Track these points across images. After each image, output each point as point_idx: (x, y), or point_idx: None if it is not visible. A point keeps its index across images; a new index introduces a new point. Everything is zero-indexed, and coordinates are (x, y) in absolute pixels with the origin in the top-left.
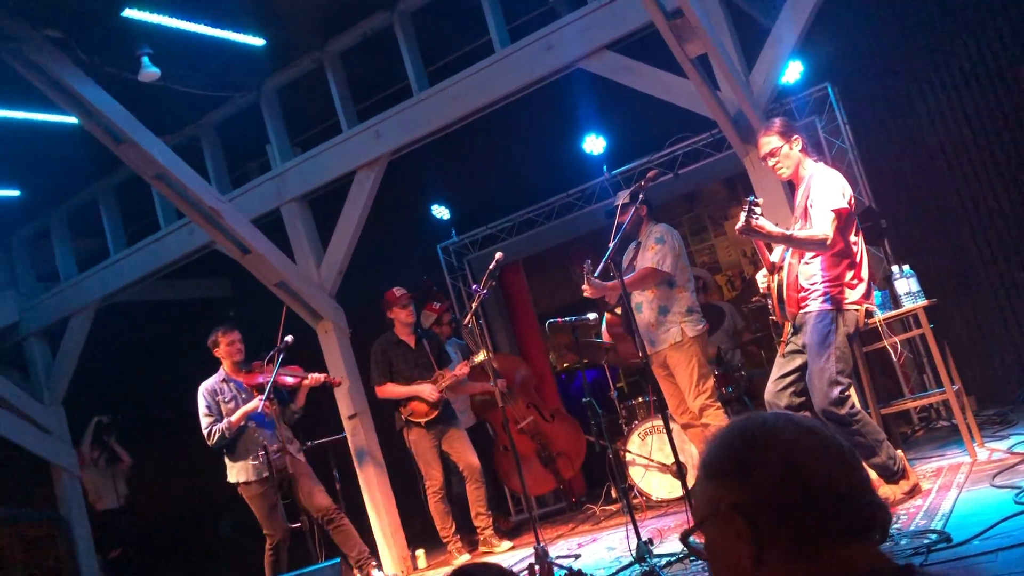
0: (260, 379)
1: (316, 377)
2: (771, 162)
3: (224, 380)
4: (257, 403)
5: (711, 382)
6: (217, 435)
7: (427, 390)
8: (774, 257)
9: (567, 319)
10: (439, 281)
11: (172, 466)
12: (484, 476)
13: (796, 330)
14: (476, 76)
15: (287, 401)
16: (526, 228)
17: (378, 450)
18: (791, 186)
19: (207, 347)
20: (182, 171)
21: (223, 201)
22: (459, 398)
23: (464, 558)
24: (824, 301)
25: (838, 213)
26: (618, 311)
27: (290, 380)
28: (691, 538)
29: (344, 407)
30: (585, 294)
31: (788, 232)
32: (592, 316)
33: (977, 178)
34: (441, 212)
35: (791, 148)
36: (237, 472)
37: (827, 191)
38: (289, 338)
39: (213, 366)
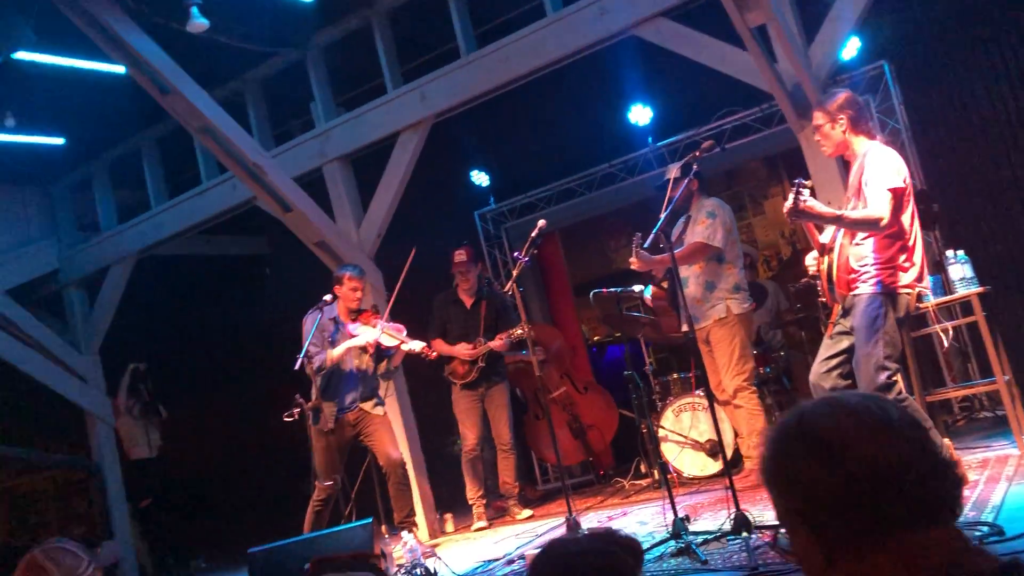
0: (360, 330)
1: (413, 346)
2: (817, 138)
3: (333, 319)
4: (362, 340)
5: (751, 364)
6: (318, 363)
7: (459, 350)
8: (824, 238)
9: (612, 290)
10: (472, 246)
11: (204, 419)
12: (515, 447)
13: (845, 312)
14: (526, 40)
15: (384, 357)
16: (566, 198)
17: (410, 412)
18: (846, 164)
19: (261, 297)
20: (227, 125)
21: (266, 157)
22: None
23: (481, 524)
24: (875, 284)
25: (894, 192)
26: (664, 285)
27: (390, 342)
28: (780, 538)
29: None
30: (632, 266)
31: (840, 212)
32: (638, 288)
33: None
34: (480, 178)
35: (833, 128)
36: (313, 414)
37: (883, 170)
38: (328, 297)
39: (247, 323)
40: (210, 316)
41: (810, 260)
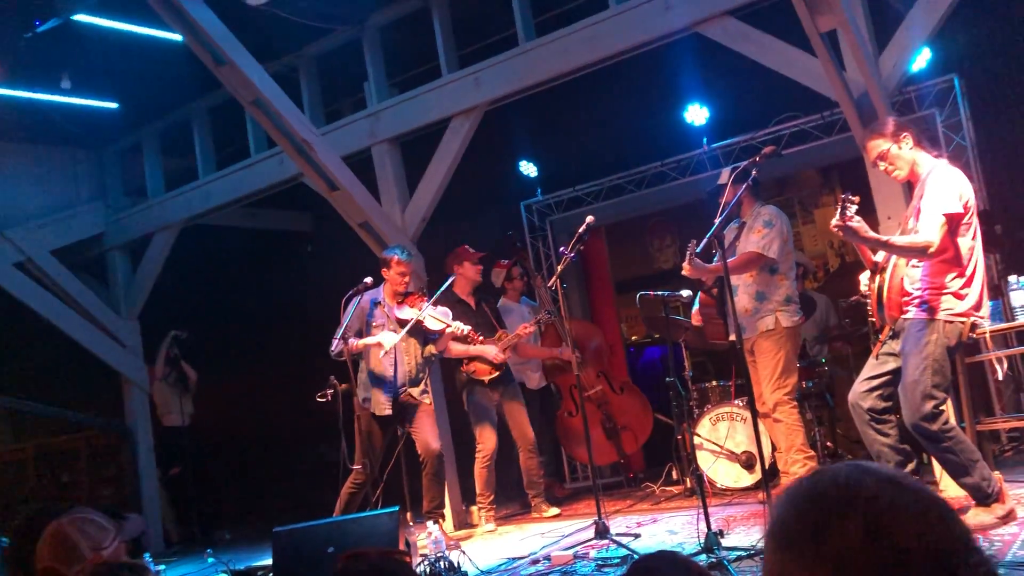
0: (406, 313)
1: (460, 327)
2: (882, 166)
3: (379, 302)
4: (378, 342)
5: (794, 379)
6: (336, 350)
7: (492, 351)
8: (878, 257)
9: (660, 293)
10: (507, 245)
11: (238, 391)
12: (539, 446)
13: (894, 335)
14: (587, 31)
15: (430, 340)
16: (614, 194)
17: (443, 404)
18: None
19: (302, 274)
20: (279, 99)
21: (316, 134)
22: (530, 361)
23: (488, 527)
24: (925, 310)
25: (949, 218)
26: (714, 292)
27: (436, 325)
28: None
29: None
30: (684, 273)
31: (886, 238)
32: (686, 293)
33: None
34: (529, 169)
35: (900, 147)
36: (363, 392)
37: (942, 192)
38: (369, 279)
39: (286, 299)
40: (250, 289)
41: (863, 279)
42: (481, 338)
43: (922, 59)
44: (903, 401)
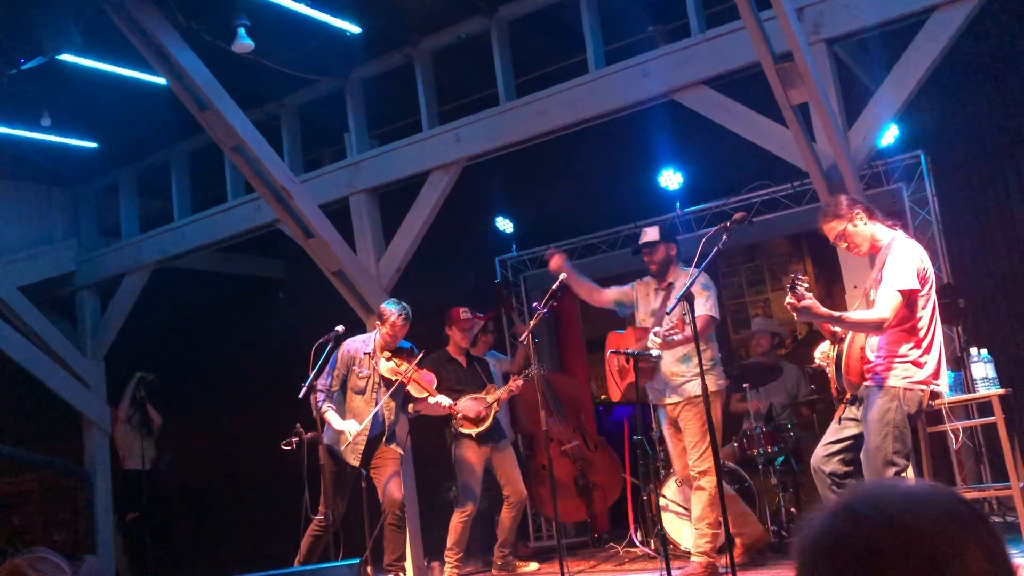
0: (388, 367)
1: (441, 400)
2: (843, 245)
3: (369, 353)
4: (350, 431)
5: (714, 448)
6: (312, 398)
7: (468, 405)
8: (836, 327)
9: (629, 351)
10: (491, 294)
11: (201, 437)
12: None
13: (855, 400)
14: (566, 94)
15: (409, 401)
16: (588, 253)
17: (410, 455)
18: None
19: (272, 320)
20: (260, 146)
21: (295, 182)
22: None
23: None
24: (888, 377)
25: (907, 294)
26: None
27: (418, 393)
28: None
29: None
30: (656, 349)
31: (838, 314)
32: (655, 354)
33: None
34: (504, 225)
35: (855, 224)
36: (331, 441)
37: (899, 268)
38: (340, 328)
39: (254, 345)
40: (219, 334)
41: (819, 353)
42: (460, 414)
43: (890, 135)
44: (865, 467)
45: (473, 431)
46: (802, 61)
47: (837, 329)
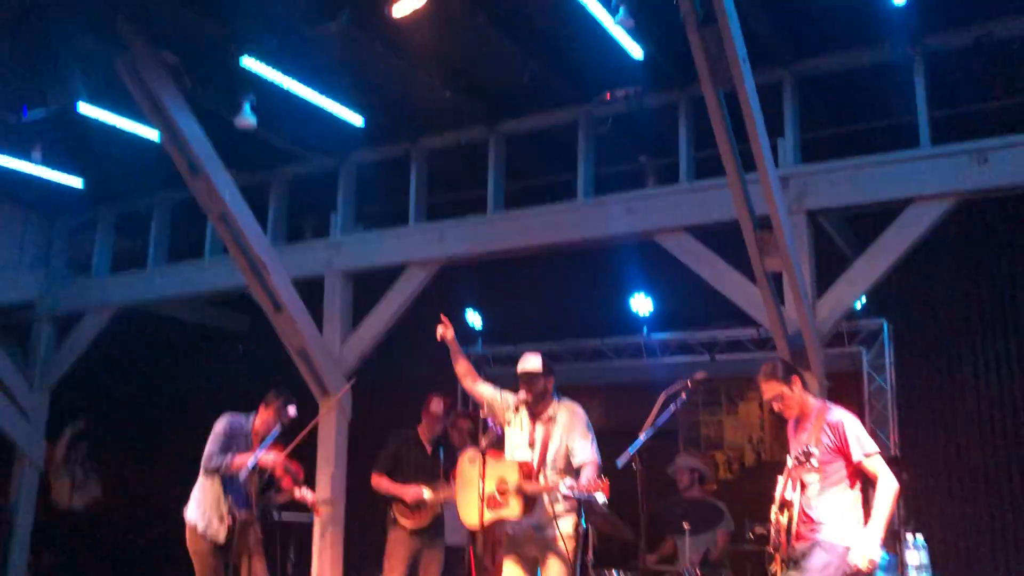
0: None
1: (304, 495)
2: (777, 406)
3: (247, 434)
4: (249, 466)
5: None
6: (218, 466)
7: (410, 492)
8: (788, 495)
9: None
10: (452, 386)
11: (137, 484)
12: None
13: (791, 563)
14: (553, 216)
15: (269, 487)
16: (551, 360)
17: (341, 543)
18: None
19: (228, 375)
20: (244, 218)
21: (272, 254)
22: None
23: None
24: (834, 536)
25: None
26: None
27: (283, 485)
28: None
29: (322, 490)
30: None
31: (882, 523)
32: (602, 501)
33: (1006, 465)
34: (473, 319)
35: (792, 390)
36: (203, 521)
37: (865, 436)
38: (292, 411)
39: (207, 396)
40: (172, 380)
41: (773, 515)
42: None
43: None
44: None
45: (408, 525)
46: (780, 231)
47: (788, 496)
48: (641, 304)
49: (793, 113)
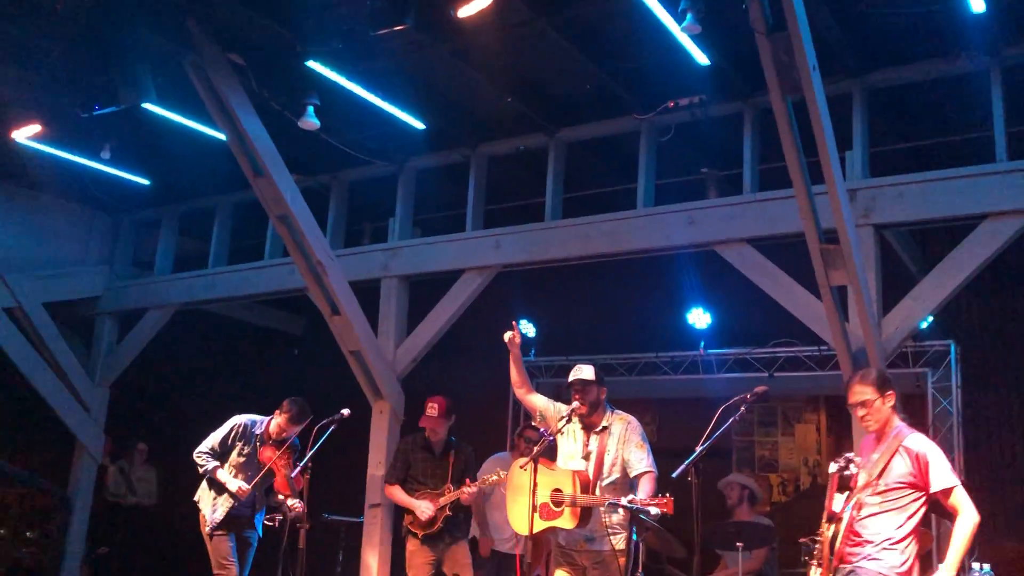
0: (267, 461)
1: (294, 504)
2: (861, 412)
3: (258, 435)
4: (233, 490)
5: None
6: (204, 465)
7: (422, 507)
8: (836, 507)
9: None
10: (503, 395)
11: (190, 483)
12: None
13: None
14: (611, 224)
15: (268, 490)
16: (604, 373)
17: (388, 548)
18: None
19: (282, 376)
20: (305, 219)
21: (332, 258)
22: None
23: None
24: (875, 564)
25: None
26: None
27: (274, 484)
28: None
29: (371, 494)
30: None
31: (958, 557)
32: (655, 512)
33: None
34: (527, 328)
35: (883, 403)
36: (204, 501)
37: (947, 464)
38: (346, 411)
39: (261, 397)
40: (227, 381)
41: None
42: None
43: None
44: None
45: (420, 533)
46: (847, 245)
47: (836, 508)
48: (698, 318)
49: (862, 125)
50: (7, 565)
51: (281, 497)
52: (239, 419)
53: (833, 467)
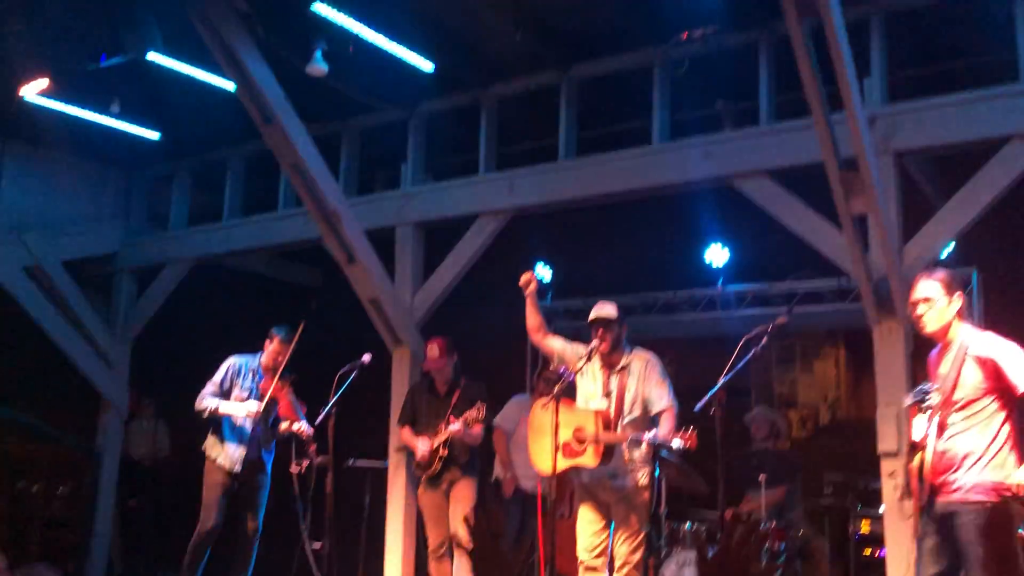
0: (271, 391)
1: (302, 427)
2: (921, 309)
3: (254, 369)
4: (243, 414)
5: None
6: (206, 407)
7: (418, 447)
8: (916, 435)
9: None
10: (521, 339)
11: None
12: (473, 551)
13: (934, 521)
14: (626, 161)
15: (278, 422)
16: (621, 314)
17: (414, 490)
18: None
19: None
20: (317, 167)
21: (345, 206)
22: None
23: None
24: (984, 491)
25: None
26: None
27: (280, 411)
28: None
29: (395, 438)
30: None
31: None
32: (677, 446)
33: None
34: (543, 272)
35: (949, 304)
36: (213, 448)
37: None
38: (366, 357)
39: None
40: (246, 334)
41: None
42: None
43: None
44: None
45: (423, 475)
46: (867, 172)
47: (916, 438)
48: (717, 255)
49: (880, 51)
50: (43, 520)
51: (285, 425)
52: (231, 359)
53: (908, 400)
